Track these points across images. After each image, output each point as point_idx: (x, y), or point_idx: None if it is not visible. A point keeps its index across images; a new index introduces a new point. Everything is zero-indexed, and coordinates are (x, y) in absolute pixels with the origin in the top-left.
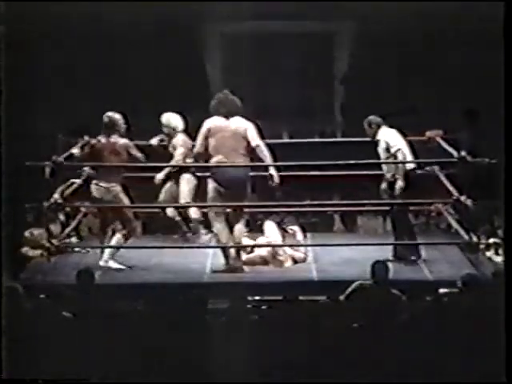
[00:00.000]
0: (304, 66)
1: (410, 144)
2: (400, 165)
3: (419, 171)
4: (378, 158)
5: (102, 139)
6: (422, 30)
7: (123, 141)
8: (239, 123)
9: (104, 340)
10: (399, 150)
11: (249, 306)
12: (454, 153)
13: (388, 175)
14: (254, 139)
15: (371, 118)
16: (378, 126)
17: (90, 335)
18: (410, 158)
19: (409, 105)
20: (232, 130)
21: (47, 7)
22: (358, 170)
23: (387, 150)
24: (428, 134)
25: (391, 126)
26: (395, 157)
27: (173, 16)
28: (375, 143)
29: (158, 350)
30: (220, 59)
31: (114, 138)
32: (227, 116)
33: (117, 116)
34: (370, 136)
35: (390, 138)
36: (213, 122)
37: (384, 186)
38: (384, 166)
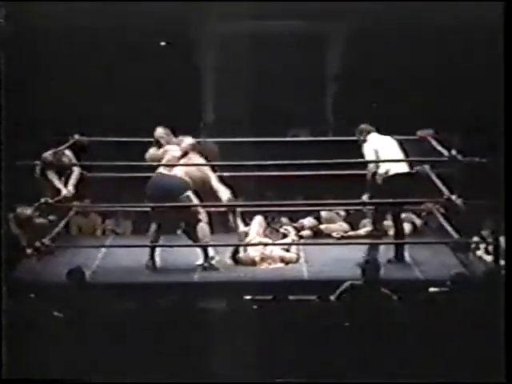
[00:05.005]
0: (300, 66)
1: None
2: (369, 175)
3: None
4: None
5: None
6: (416, 30)
7: None
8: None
9: (95, 340)
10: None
11: (239, 305)
12: (445, 152)
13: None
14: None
15: (362, 126)
16: (368, 133)
17: (80, 334)
18: (392, 167)
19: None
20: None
21: (48, 6)
22: (351, 169)
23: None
24: (419, 133)
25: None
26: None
27: (171, 16)
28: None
29: (151, 350)
30: (217, 59)
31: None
32: None
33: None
34: (359, 144)
35: (367, 150)
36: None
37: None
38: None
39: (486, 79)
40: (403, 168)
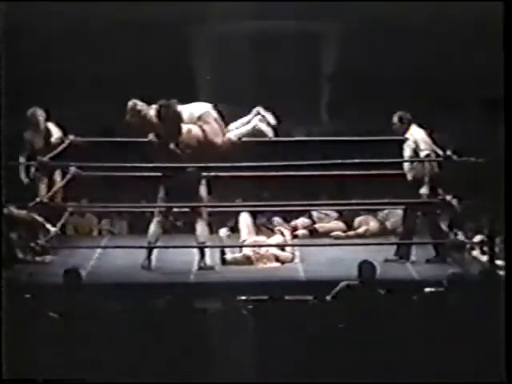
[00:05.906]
0: (296, 66)
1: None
2: (427, 168)
3: None
4: (401, 155)
5: None
6: (411, 29)
7: None
8: None
9: (93, 340)
10: (429, 155)
11: (235, 305)
12: (440, 152)
13: (409, 175)
14: None
15: (402, 113)
16: (409, 123)
17: (78, 335)
18: (435, 165)
19: None
20: None
21: (47, 7)
22: (345, 170)
23: (415, 150)
24: None
25: (420, 125)
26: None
27: (169, 15)
28: (402, 140)
29: (146, 350)
30: (215, 59)
31: None
32: None
33: None
34: (399, 132)
35: (420, 139)
36: None
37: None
38: (406, 165)
39: (485, 78)
40: None
